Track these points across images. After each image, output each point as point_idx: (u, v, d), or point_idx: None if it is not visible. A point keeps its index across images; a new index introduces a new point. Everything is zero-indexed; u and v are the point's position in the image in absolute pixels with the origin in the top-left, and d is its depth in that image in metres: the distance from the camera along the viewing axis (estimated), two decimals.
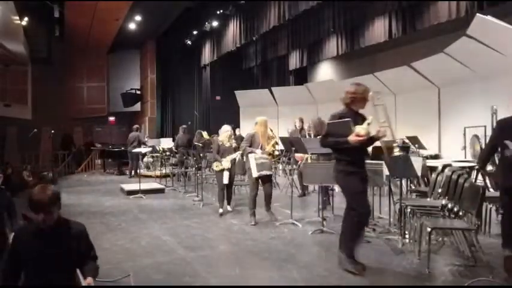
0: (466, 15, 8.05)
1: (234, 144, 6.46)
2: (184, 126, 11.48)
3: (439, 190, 4.64)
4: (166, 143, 12.27)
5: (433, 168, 5.77)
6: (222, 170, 6.26)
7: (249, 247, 4.58)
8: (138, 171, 11.45)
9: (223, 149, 6.37)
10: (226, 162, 6.24)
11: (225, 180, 6.24)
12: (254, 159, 5.54)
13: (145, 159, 12.89)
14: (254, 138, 5.76)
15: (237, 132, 11.89)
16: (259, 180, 5.67)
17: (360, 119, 3.70)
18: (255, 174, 5.54)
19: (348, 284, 3.48)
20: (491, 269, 3.57)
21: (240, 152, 6.10)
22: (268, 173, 5.61)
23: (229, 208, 6.48)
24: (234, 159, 6.34)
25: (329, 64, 14.82)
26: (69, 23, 14.14)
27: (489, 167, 4.87)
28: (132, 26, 14.93)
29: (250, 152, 5.63)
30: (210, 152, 8.17)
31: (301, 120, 8.15)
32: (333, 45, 12.73)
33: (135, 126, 12.75)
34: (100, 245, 4.68)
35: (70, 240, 2.28)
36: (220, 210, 6.27)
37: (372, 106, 3.87)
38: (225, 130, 6.53)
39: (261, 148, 5.68)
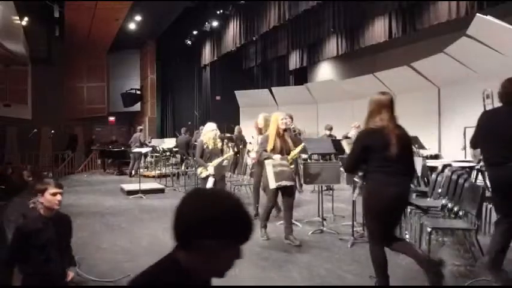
0: (466, 15, 8.06)
1: (219, 145, 5.63)
2: (189, 128, 11.69)
3: (439, 190, 4.64)
4: (169, 143, 12.32)
5: (433, 168, 5.77)
6: (208, 177, 5.37)
7: (249, 247, 4.56)
8: (138, 171, 11.48)
9: (208, 152, 5.49)
10: (211, 168, 5.37)
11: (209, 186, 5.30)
12: (272, 166, 4.54)
13: (147, 159, 12.99)
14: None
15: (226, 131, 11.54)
16: (279, 192, 4.70)
17: None
18: (272, 185, 4.54)
19: (348, 284, 3.48)
20: None
21: (227, 156, 5.50)
22: (288, 183, 4.57)
23: None
24: (220, 163, 5.43)
25: (329, 64, 14.82)
26: (69, 23, 14.14)
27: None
28: (132, 26, 14.93)
29: (266, 158, 4.63)
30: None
31: (291, 117, 6.96)
32: (333, 45, 12.74)
33: (139, 127, 12.96)
34: (100, 245, 4.69)
35: None
36: None
37: None
38: (210, 129, 5.56)
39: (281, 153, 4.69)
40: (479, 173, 5.43)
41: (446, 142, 9.16)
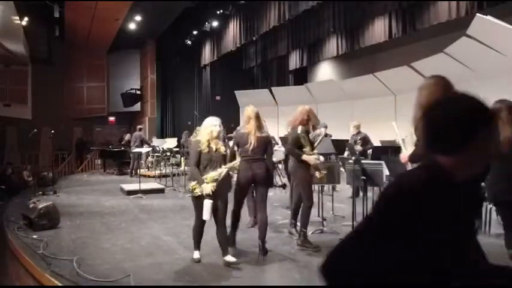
0: (466, 15, 8.07)
1: (222, 149, 4.02)
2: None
3: None
4: (171, 143, 12.32)
5: None
6: (201, 197, 3.80)
7: (248, 247, 4.57)
8: (138, 170, 11.48)
9: (206, 159, 3.90)
10: (207, 186, 3.77)
11: (205, 216, 3.81)
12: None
13: (149, 158, 13.00)
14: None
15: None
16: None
17: None
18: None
19: None
20: None
21: (230, 165, 4.04)
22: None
23: (230, 258, 3.91)
24: (222, 176, 3.90)
25: (329, 64, 14.82)
26: (69, 23, 14.13)
27: None
28: (132, 26, 14.92)
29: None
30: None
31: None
32: (333, 45, 12.75)
33: (138, 126, 12.96)
34: (100, 245, 4.69)
35: None
36: (196, 255, 4.05)
37: None
38: (208, 125, 4.00)
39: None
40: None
41: None
